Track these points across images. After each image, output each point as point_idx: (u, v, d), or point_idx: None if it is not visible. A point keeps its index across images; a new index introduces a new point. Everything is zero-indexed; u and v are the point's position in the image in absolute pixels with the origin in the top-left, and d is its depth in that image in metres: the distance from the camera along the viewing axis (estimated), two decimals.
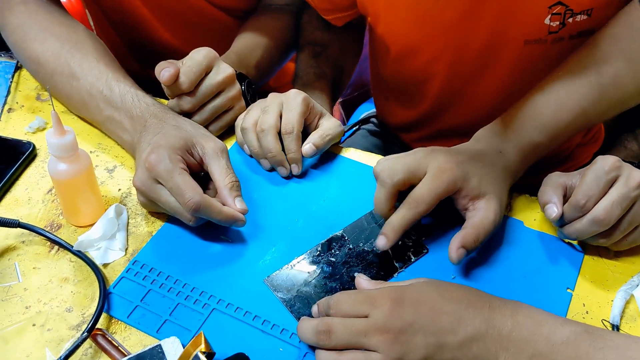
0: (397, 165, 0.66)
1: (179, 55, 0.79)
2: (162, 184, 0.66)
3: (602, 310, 0.64)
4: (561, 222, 0.67)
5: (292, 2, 0.99)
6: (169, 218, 0.71)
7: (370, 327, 0.55)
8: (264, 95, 0.80)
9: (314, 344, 0.58)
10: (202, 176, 0.71)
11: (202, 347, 0.55)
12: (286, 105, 0.76)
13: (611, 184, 0.64)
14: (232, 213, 0.66)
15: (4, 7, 0.82)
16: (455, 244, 0.64)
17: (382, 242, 0.66)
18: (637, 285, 0.65)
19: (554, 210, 0.66)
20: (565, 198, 0.67)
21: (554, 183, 0.68)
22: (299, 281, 0.66)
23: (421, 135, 0.99)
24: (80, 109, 0.80)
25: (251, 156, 0.78)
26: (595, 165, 0.65)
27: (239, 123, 0.79)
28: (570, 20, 0.75)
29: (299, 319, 0.61)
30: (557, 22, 0.75)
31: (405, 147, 1.04)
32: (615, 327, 0.62)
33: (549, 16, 0.75)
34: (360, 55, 1.03)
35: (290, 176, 0.77)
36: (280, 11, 0.99)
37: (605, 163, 0.65)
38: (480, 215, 0.66)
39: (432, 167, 0.66)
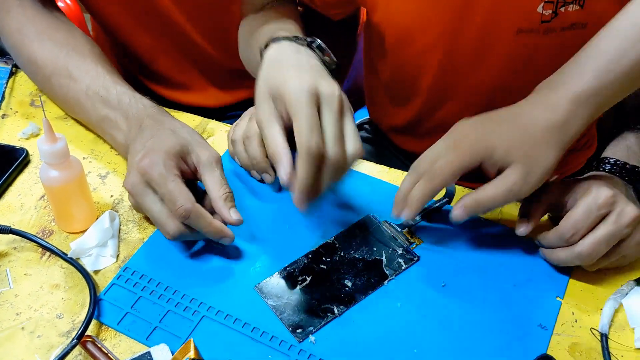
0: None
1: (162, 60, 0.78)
2: (152, 189, 0.65)
3: (592, 319, 0.64)
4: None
5: None
6: None
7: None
8: None
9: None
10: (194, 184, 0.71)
11: (192, 354, 0.56)
12: None
13: (602, 218, 0.63)
14: (221, 227, 0.65)
15: (1, 8, 0.82)
16: (459, 203, 0.64)
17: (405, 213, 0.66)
18: (626, 294, 0.65)
19: (523, 230, 0.66)
20: (549, 213, 0.67)
21: (539, 199, 0.67)
22: (289, 288, 0.66)
23: (415, 137, 0.99)
24: (77, 110, 0.80)
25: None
26: (589, 198, 0.64)
27: (229, 135, 0.79)
28: (563, 9, 0.75)
29: (290, 326, 0.61)
30: (550, 11, 0.75)
31: (399, 152, 1.04)
32: (604, 336, 0.62)
33: (542, 4, 0.75)
34: (352, 58, 1.03)
35: (280, 188, 0.77)
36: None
37: (599, 196, 0.63)
38: (494, 184, 0.63)
39: (449, 136, 0.65)
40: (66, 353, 0.58)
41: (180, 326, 0.62)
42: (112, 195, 0.75)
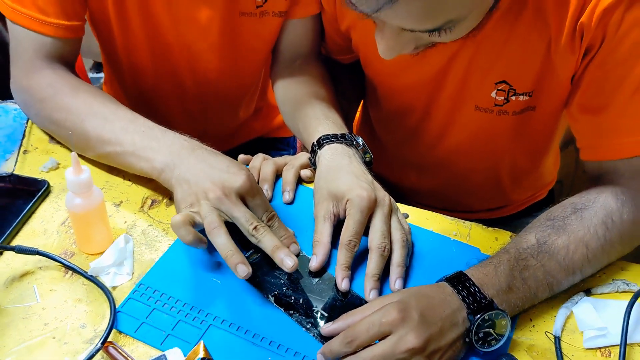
0: None
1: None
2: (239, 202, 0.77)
3: (546, 324, 0.74)
4: None
5: (306, 52, 1.05)
6: (170, 246, 0.81)
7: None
8: None
9: None
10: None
11: (202, 354, 0.64)
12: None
13: (384, 335, 0.65)
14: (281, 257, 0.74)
15: (31, 70, 0.90)
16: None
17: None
18: (576, 303, 0.75)
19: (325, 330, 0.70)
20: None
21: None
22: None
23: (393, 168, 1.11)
24: (110, 144, 0.84)
25: None
26: (379, 312, 0.66)
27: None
28: (514, 98, 0.85)
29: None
30: (502, 98, 0.86)
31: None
32: (557, 339, 0.72)
33: (495, 91, 0.86)
34: (360, 100, 1.14)
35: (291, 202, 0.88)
36: (305, 65, 1.05)
37: (387, 314, 0.65)
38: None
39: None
40: (92, 355, 0.67)
41: (190, 333, 0.71)
42: (125, 221, 0.84)
